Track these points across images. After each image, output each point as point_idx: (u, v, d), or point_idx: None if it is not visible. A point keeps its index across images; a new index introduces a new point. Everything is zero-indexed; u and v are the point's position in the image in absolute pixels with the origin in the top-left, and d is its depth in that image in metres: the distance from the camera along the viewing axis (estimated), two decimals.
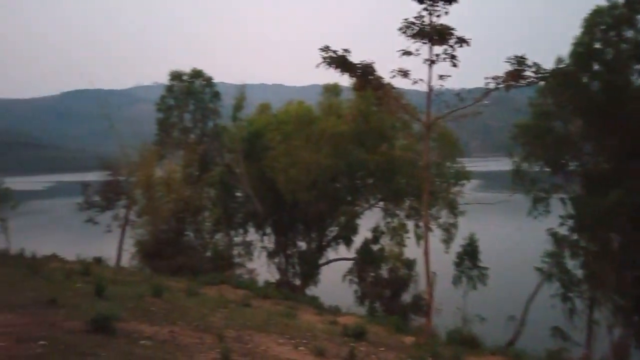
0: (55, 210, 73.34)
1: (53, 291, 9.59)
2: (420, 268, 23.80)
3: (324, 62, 15.20)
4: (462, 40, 14.99)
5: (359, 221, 27.58)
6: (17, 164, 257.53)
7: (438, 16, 14.87)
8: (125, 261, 26.46)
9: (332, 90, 28.00)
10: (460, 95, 15.55)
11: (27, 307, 7.86)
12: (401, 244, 25.52)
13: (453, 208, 25.00)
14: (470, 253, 23.07)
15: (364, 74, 15.32)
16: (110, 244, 28.03)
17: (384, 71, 15.31)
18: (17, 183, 46.96)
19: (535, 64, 14.84)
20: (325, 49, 15.16)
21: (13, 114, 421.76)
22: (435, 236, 23.09)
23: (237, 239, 29.40)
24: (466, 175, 25.81)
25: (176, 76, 32.66)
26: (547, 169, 22.01)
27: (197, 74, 33.02)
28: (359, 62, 15.27)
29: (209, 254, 27.82)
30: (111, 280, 13.38)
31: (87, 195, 28.29)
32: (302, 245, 27.86)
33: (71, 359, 5.74)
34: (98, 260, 21.28)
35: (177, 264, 23.31)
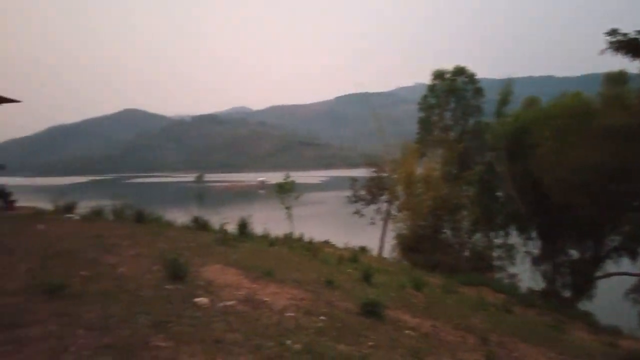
0: (328, 201, 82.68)
1: (329, 274, 10.74)
2: None
3: (610, 47, 13.20)
4: None
5: None
6: (300, 160, 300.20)
7: None
8: (386, 252, 28.06)
9: (617, 78, 24.06)
10: None
11: (310, 285, 8.98)
12: None
13: None
14: None
15: None
16: (373, 235, 30.15)
17: None
18: (300, 177, 54.40)
19: None
20: (613, 32, 13.14)
21: (296, 117, 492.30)
22: None
23: (497, 241, 28.00)
24: None
25: (438, 75, 32.93)
26: None
27: (459, 71, 32.66)
28: None
29: (466, 253, 27.27)
30: (376, 269, 14.28)
31: (354, 190, 31.13)
32: (574, 253, 24.81)
33: (346, 336, 6.33)
34: (363, 250, 23.01)
35: (434, 260, 23.53)
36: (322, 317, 6.86)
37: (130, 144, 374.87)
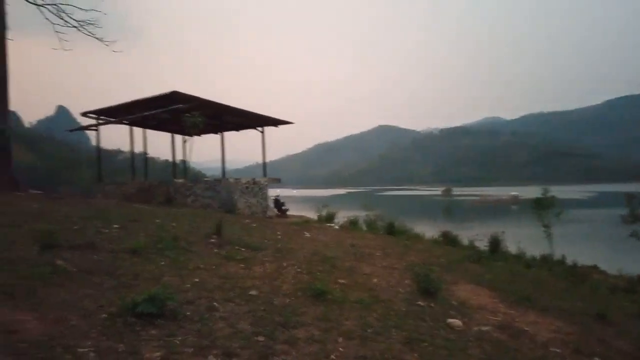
0: (595, 220, 72.35)
1: (599, 305, 9.25)
2: None
3: None
4: None
5: None
6: (559, 173, 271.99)
7: None
8: None
9: None
10: None
11: (577, 317, 7.85)
12: None
13: None
14: None
15: None
16: None
17: None
18: (559, 191, 49.06)
19: None
20: None
21: (555, 125, 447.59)
22: None
23: None
24: None
25: None
26: None
27: None
28: None
29: None
30: None
31: (631, 207, 26.37)
32: None
33: None
34: None
35: None
36: (595, 358, 5.87)
37: (383, 158, 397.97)
